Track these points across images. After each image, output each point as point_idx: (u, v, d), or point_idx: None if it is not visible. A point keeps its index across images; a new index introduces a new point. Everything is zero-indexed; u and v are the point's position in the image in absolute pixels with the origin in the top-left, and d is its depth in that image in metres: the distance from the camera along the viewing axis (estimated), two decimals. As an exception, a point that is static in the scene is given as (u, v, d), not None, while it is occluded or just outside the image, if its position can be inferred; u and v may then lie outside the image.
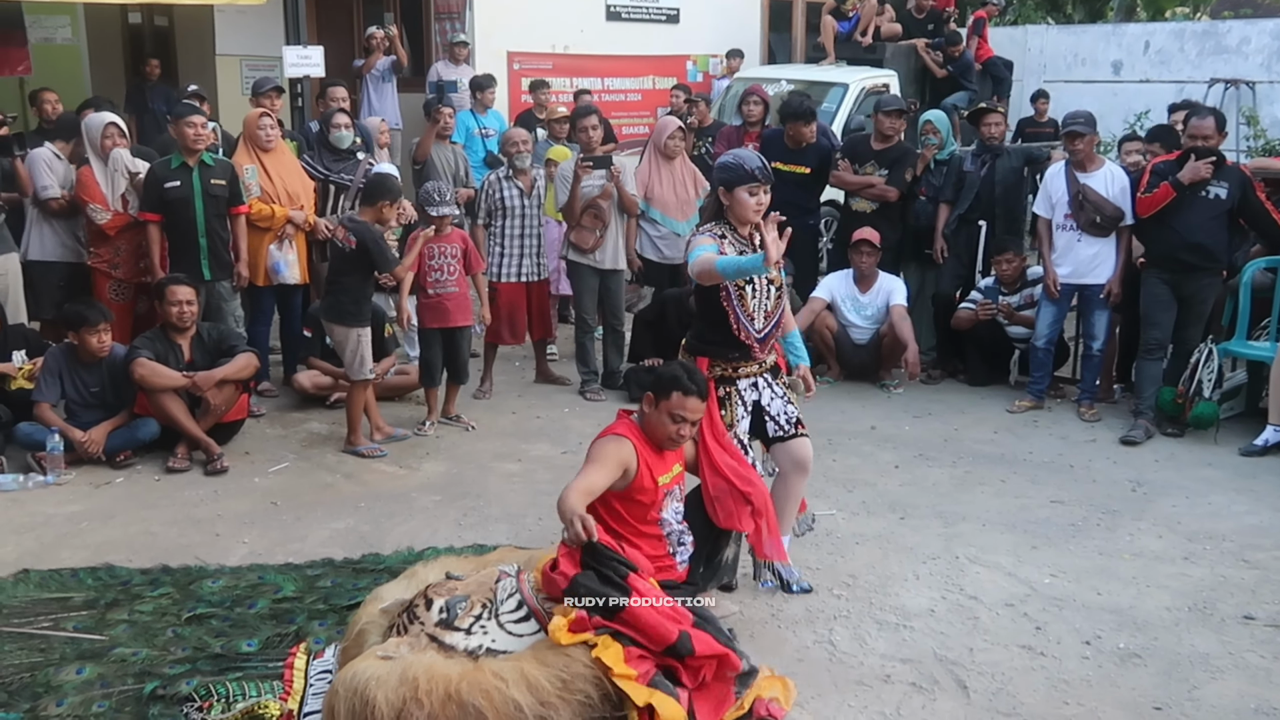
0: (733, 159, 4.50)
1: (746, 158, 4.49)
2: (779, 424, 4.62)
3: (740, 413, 4.52)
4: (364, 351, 6.36)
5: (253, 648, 4.06)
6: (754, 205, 4.41)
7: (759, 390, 4.58)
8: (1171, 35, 14.06)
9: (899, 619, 4.51)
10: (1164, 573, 4.98)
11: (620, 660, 3.29)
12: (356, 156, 7.82)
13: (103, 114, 7.09)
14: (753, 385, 4.57)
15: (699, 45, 13.89)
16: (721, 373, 4.51)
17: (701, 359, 4.51)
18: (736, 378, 4.53)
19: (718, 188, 4.53)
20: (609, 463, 4.08)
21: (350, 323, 6.37)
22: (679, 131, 7.97)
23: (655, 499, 4.21)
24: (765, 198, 4.44)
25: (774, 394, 4.62)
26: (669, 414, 4.15)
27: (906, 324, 7.66)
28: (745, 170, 4.41)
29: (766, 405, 4.59)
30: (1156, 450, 6.65)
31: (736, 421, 4.51)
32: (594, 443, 4.24)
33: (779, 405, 4.62)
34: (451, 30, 12.13)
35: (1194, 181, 6.61)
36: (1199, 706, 3.90)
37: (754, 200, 4.41)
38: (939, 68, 13.16)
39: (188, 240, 6.68)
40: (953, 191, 7.93)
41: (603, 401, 7.45)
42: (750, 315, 4.45)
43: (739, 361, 4.52)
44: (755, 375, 4.58)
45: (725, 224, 4.51)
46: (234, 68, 12.02)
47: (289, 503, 5.72)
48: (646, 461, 4.17)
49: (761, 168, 4.43)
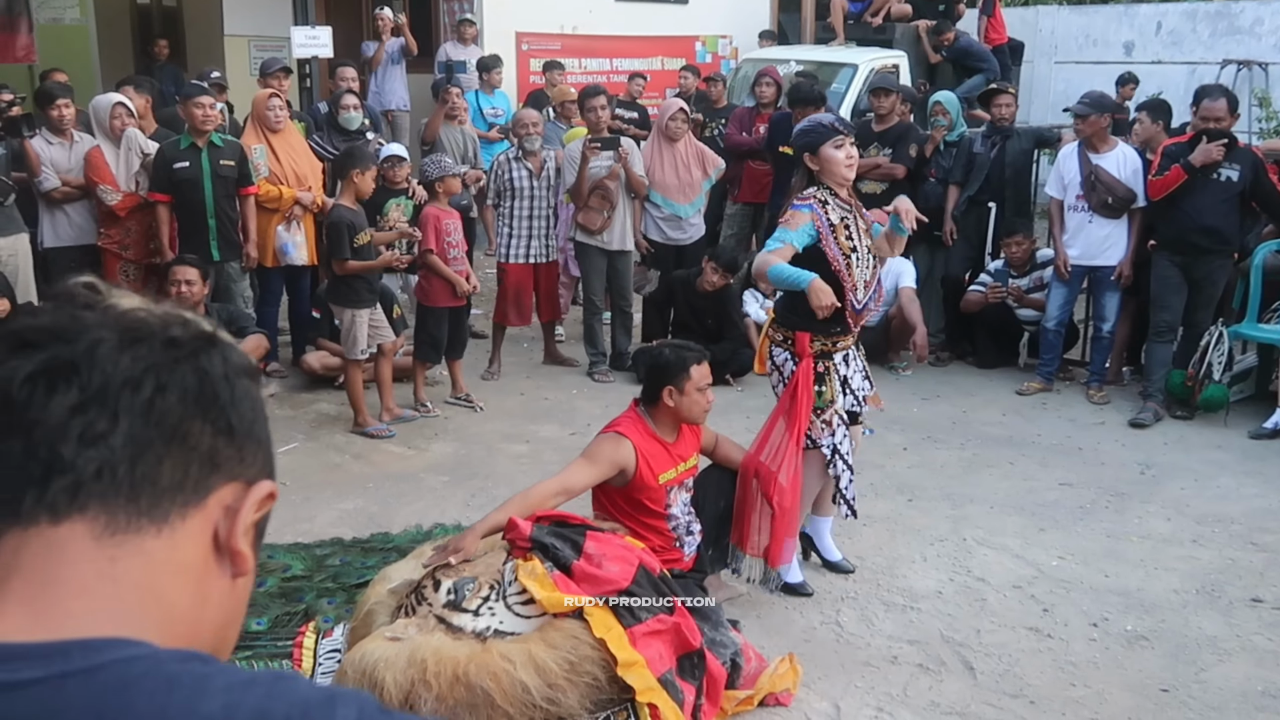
0: (808, 123, 4.48)
1: (821, 117, 4.50)
2: (856, 399, 4.55)
3: (838, 387, 4.44)
4: (357, 332, 6.37)
5: (262, 626, 4.07)
6: (844, 159, 4.34)
7: (849, 364, 4.51)
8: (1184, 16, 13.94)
9: (906, 600, 4.52)
10: (1172, 555, 4.98)
11: (625, 644, 3.29)
12: (365, 137, 7.81)
13: (110, 95, 7.08)
14: (844, 359, 4.49)
15: (708, 26, 13.82)
16: (821, 347, 4.40)
17: (802, 334, 4.36)
18: (834, 352, 4.44)
19: (803, 155, 4.43)
20: (600, 463, 4.04)
21: (346, 303, 6.38)
22: (681, 113, 7.94)
23: (658, 496, 4.16)
24: (853, 150, 4.39)
25: (857, 367, 4.56)
26: (696, 390, 4.10)
27: (915, 306, 7.64)
28: (825, 126, 4.37)
29: (850, 379, 4.51)
30: (1166, 433, 6.64)
31: (837, 397, 4.42)
32: (596, 437, 4.21)
33: (858, 380, 4.56)
34: (460, 10, 12.09)
35: (1205, 164, 6.57)
36: (1206, 688, 3.90)
37: (842, 154, 4.34)
38: (934, 53, 13.02)
39: (197, 221, 6.69)
40: (962, 173, 7.90)
41: (611, 383, 7.46)
42: (854, 286, 4.37)
43: (839, 335, 4.42)
44: (848, 348, 4.50)
45: (825, 188, 4.38)
46: (242, 48, 12.00)
47: (298, 483, 5.74)
48: (647, 460, 4.10)
49: (839, 119, 4.44)
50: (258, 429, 0.94)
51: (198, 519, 0.88)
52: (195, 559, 0.89)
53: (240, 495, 0.91)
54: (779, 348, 4.47)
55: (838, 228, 4.33)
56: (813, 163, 4.39)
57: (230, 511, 0.90)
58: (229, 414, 0.90)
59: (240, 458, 0.91)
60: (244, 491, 0.92)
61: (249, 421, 0.93)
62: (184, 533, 0.87)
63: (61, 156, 6.90)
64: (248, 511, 0.92)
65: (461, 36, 11.32)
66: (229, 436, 0.90)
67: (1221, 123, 6.61)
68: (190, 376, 0.88)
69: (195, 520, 0.88)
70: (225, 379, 0.91)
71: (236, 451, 0.91)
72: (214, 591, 0.91)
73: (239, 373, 0.93)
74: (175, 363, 0.88)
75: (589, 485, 4.06)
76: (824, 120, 4.42)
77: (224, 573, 0.91)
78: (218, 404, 0.89)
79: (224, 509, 0.90)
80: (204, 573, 0.89)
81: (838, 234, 4.32)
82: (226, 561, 0.91)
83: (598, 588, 3.39)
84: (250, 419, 0.93)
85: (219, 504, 0.90)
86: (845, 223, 4.36)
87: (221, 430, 0.90)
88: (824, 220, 4.31)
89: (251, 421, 0.93)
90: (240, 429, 0.92)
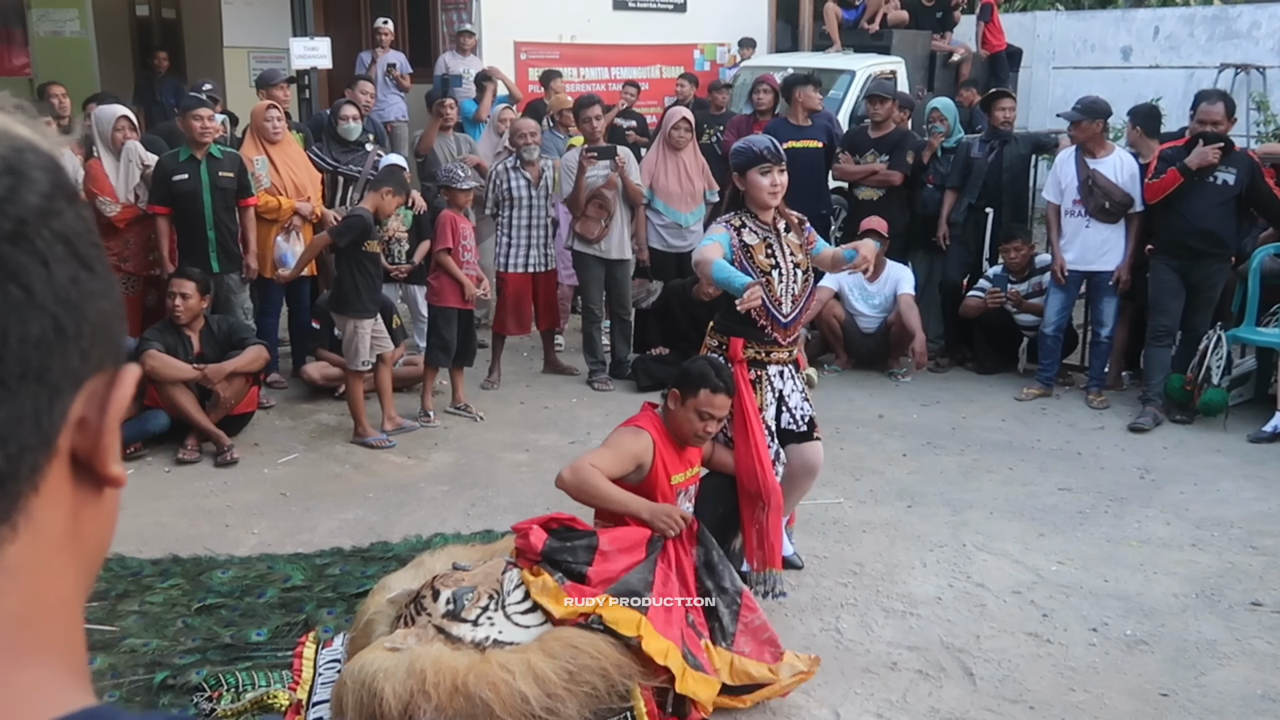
0: (743, 144, 4.52)
1: (755, 140, 4.54)
2: (795, 418, 4.55)
3: (769, 398, 4.47)
4: (359, 342, 6.38)
5: (262, 637, 4.09)
6: (768, 186, 4.40)
7: (784, 380, 4.54)
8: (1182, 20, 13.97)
9: (906, 607, 4.52)
10: (1172, 559, 4.98)
11: (653, 632, 3.39)
12: (365, 148, 7.84)
13: (114, 107, 7.11)
14: (779, 374, 4.53)
15: (706, 34, 13.86)
16: (754, 355, 4.46)
17: (736, 339, 4.44)
18: (768, 363, 4.49)
19: (732, 174, 4.52)
20: (623, 454, 4.05)
21: (347, 312, 6.40)
22: (684, 122, 7.96)
23: (669, 497, 4.17)
24: (780, 178, 4.43)
25: (794, 387, 4.57)
26: (696, 411, 4.10)
27: (914, 313, 7.66)
28: (754, 152, 4.41)
29: (787, 397, 4.53)
30: (1165, 437, 6.65)
31: (765, 407, 4.46)
32: (614, 430, 4.21)
33: (797, 399, 4.56)
34: (458, 20, 12.12)
35: (1202, 167, 6.58)
36: (1206, 693, 3.91)
37: (767, 181, 4.40)
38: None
39: (196, 233, 6.70)
40: (959, 179, 7.92)
41: (611, 391, 7.47)
42: (777, 300, 4.42)
43: (772, 346, 4.47)
44: (783, 364, 4.54)
45: (745, 212, 4.48)
46: (241, 59, 12.04)
47: (298, 493, 5.75)
48: (663, 459, 4.12)
49: (770, 147, 4.44)
50: (88, 294, 0.66)
51: (54, 473, 0.66)
52: (64, 526, 0.68)
53: (96, 397, 0.67)
54: (714, 354, 4.53)
55: (754, 248, 4.43)
56: (740, 183, 4.48)
57: (87, 425, 0.67)
58: (51, 305, 0.63)
59: (81, 352, 0.65)
60: (100, 390, 0.68)
61: (75, 290, 0.65)
62: (45, 507, 0.66)
63: None
64: (113, 416, 0.68)
65: (460, 47, 11.36)
66: (60, 337, 0.64)
67: (1219, 126, 6.63)
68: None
69: (52, 478, 0.66)
70: (26, 238, 0.62)
71: (76, 349, 0.65)
72: (88, 531, 0.70)
73: (42, 212, 0.63)
74: None
75: (616, 475, 4.02)
76: (757, 144, 4.47)
77: (90, 496, 0.70)
78: (31, 298, 0.62)
79: (78, 424, 0.66)
80: (75, 527, 0.69)
81: (754, 254, 4.42)
82: (90, 478, 0.69)
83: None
84: (74, 284, 0.64)
85: (71, 429, 0.66)
86: (767, 241, 4.44)
87: (47, 337, 0.63)
88: (738, 242, 4.41)
89: (78, 287, 0.65)
90: (70, 314, 0.64)
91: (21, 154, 0.64)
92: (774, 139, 4.59)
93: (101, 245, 0.69)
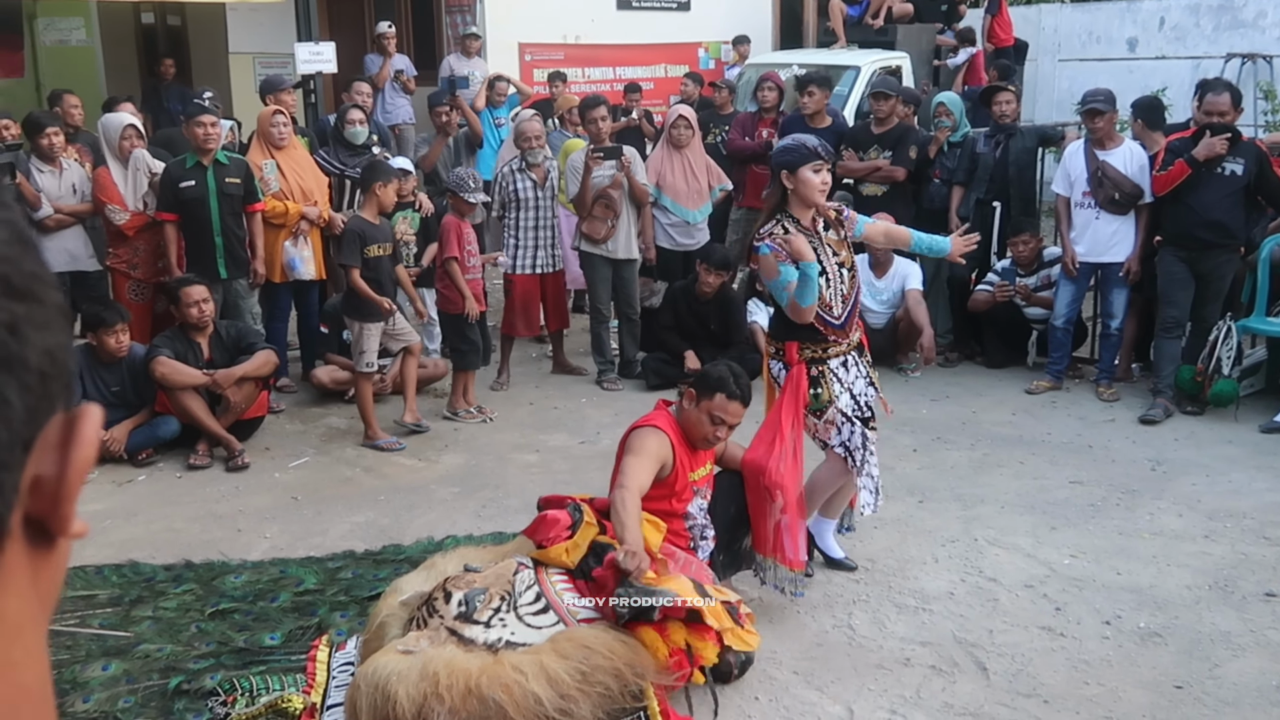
0: (791, 141, 4.55)
1: (804, 138, 4.55)
2: (859, 405, 4.57)
3: (838, 389, 4.49)
4: (366, 345, 6.40)
5: (275, 641, 4.10)
6: (819, 184, 4.41)
7: (848, 369, 4.56)
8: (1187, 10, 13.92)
9: (918, 602, 4.52)
10: (1184, 551, 4.97)
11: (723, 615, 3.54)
12: (371, 151, 7.85)
13: (120, 115, 7.12)
14: (843, 364, 4.54)
15: (711, 32, 13.86)
16: (812, 354, 4.48)
17: (790, 344, 4.47)
18: (827, 358, 4.50)
19: (780, 172, 4.48)
20: (653, 458, 4.03)
21: (357, 316, 6.42)
22: (683, 120, 7.95)
23: (685, 495, 4.19)
24: (829, 176, 4.47)
25: (859, 373, 4.60)
26: (709, 414, 4.10)
27: (922, 308, 7.64)
28: (807, 149, 4.42)
29: (850, 385, 4.56)
30: (1176, 429, 6.62)
31: (835, 397, 4.47)
32: (631, 433, 4.16)
33: (861, 386, 4.59)
34: (463, 23, 12.15)
35: (1209, 158, 6.56)
36: (1220, 684, 3.89)
37: (819, 179, 4.41)
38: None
39: (203, 239, 6.71)
40: (965, 174, 7.90)
41: (620, 391, 7.47)
42: (828, 305, 4.44)
43: (827, 344, 4.49)
44: (844, 354, 4.55)
45: (788, 217, 4.46)
46: (247, 65, 12.07)
47: (309, 497, 5.76)
48: (681, 457, 4.13)
49: (822, 144, 4.48)
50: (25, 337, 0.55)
51: (8, 554, 0.57)
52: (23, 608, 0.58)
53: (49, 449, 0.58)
54: (774, 360, 4.58)
55: None
56: (789, 181, 4.44)
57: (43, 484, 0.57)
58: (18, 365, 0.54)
59: (27, 410, 0.56)
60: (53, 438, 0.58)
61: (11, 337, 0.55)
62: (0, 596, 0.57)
63: (52, 184, 6.93)
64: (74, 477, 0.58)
65: (465, 49, 11.39)
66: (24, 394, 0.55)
67: (1225, 117, 6.60)
68: None
69: (6, 560, 0.57)
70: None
71: (20, 408, 0.55)
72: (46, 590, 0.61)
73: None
74: None
75: (649, 482, 4.00)
76: (808, 142, 4.48)
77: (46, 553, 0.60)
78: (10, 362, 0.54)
79: (32, 486, 0.57)
80: (35, 597, 0.59)
81: None
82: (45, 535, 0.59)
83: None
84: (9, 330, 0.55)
85: (24, 496, 0.57)
86: (811, 245, 4.42)
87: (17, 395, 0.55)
88: (785, 254, 4.38)
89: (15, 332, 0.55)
90: (8, 371, 0.55)
91: None
92: (821, 139, 4.60)
93: (42, 264, 0.58)
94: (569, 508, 3.85)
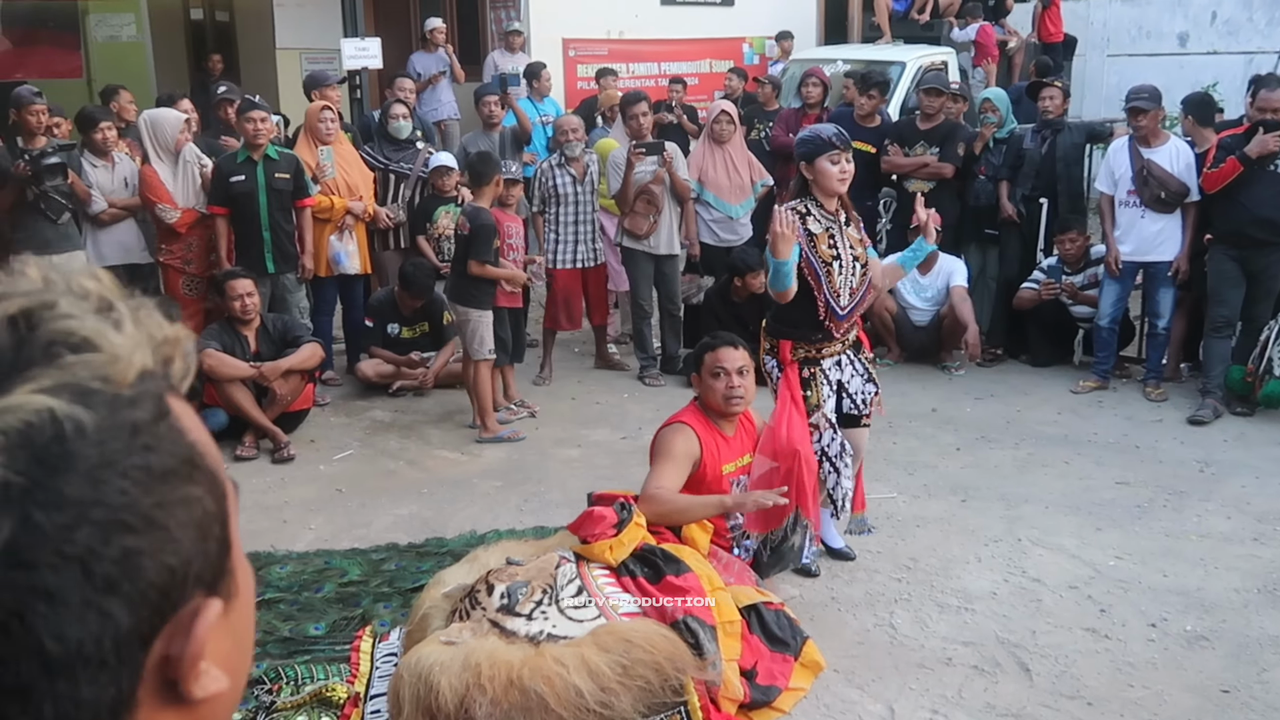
0: (809, 132, 4.58)
1: (822, 128, 4.56)
2: (855, 403, 4.63)
3: (826, 393, 4.53)
4: (483, 332, 6.42)
5: (320, 631, 4.15)
6: (837, 174, 4.44)
7: (841, 369, 4.59)
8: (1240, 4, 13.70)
9: (960, 602, 4.49)
10: (1232, 554, 4.91)
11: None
12: (415, 146, 7.90)
13: (169, 111, 7.21)
14: (836, 364, 4.58)
15: (755, 27, 13.80)
16: (805, 354, 4.51)
17: (784, 342, 4.51)
18: (821, 358, 4.53)
19: (799, 164, 4.55)
20: (677, 457, 4.10)
21: (469, 303, 6.44)
22: (724, 115, 7.93)
23: (720, 489, 4.21)
24: (848, 165, 4.47)
25: (855, 371, 4.63)
26: (710, 374, 4.22)
27: (967, 305, 7.58)
28: (823, 139, 4.44)
29: (847, 383, 4.60)
30: (1225, 430, 6.54)
31: (822, 401, 4.51)
32: (658, 434, 4.24)
33: (858, 384, 4.63)
34: (506, 19, 12.18)
35: (1262, 155, 6.47)
36: (1268, 689, 3.84)
37: (836, 169, 4.43)
38: None
39: (252, 234, 6.78)
40: (1010, 170, 7.83)
41: (662, 386, 7.48)
42: (836, 292, 4.46)
43: (822, 343, 4.52)
44: (839, 354, 4.58)
45: (811, 199, 4.52)
46: (294, 60, 12.17)
47: (354, 489, 5.82)
48: (710, 450, 4.17)
49: (839, 134, 4.48)
50: (140, 550, 0.57)
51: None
52: None
53: (181, 630, 0.61)
54: (768, 356, 4.61)
55: (818, 237, 4.45)
56: (807, 171, 4.50)
57: (171, 659, 0.60)
58: (79, 611, 0.55)
59: (143, 621, 0.58)
60: (185, 620, 0.61)
61: (128, 564, 0.57)
62: None
63: (105, 179, 7.02)
64: (195, 648, 0.61)
65: (509, 45, 11.41)
66: (134, 609, 0.58)
67: (1279, 114, 6.51)
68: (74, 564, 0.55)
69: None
70: (136, 501, 0.57)
71: (133, 623, 0.58)
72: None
73: (148, 471, 0.58)
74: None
75: (682, 478, 4.11)
76: (824, 132, 4.50)
77: (186, 709, 0.62)
78: (138, 571, 0.57)
79: (160, 663, 0.60)
80: None
81: (817, 244, 4.44)
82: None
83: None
84: (126, 558, 0.57)
85: (153, 674, 0.60)
86: (830, 232, 4.47)
87: (83, 647, 0.56)
88: (802, 232, 4.41)
89: (131, 560, 0.57)
90: (163, 568, 0.58)
91: (58, 429, 0.55)
92: (840, 128, 4.60)
93: (186, 451, 0.63)
94: (616, 505, 3.87)
